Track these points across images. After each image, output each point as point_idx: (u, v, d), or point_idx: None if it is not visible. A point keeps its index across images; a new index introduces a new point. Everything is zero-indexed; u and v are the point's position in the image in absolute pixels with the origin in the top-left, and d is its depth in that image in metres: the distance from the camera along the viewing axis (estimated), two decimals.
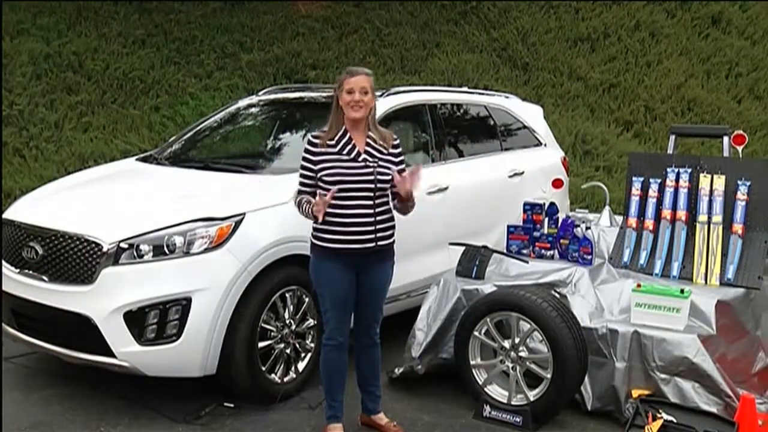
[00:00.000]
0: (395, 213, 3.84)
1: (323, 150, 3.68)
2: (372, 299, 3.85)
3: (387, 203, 3.75)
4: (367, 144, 3.73)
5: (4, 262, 4.42)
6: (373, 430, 4.07)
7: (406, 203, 3.78)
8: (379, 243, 3.70)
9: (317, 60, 10.40)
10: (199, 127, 5.76)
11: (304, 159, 3.71)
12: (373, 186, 3.66)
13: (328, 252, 3.68)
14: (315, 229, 3.72)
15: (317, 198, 3.58)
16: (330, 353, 3.83)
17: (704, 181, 4.64)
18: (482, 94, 6.47)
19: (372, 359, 3.97)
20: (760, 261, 4.44)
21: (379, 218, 3.69)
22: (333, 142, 3.69)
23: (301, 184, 3.74)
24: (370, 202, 3.67)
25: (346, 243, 3.65)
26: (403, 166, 3.81)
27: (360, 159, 3.68)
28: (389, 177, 3.69)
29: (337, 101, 3.72)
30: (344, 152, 3.68)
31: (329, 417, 3.92)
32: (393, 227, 3.80)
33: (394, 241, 3.82)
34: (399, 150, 3.82)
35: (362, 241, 3.66)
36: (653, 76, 11.63)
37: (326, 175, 3.63)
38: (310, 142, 3.71)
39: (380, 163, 3.69)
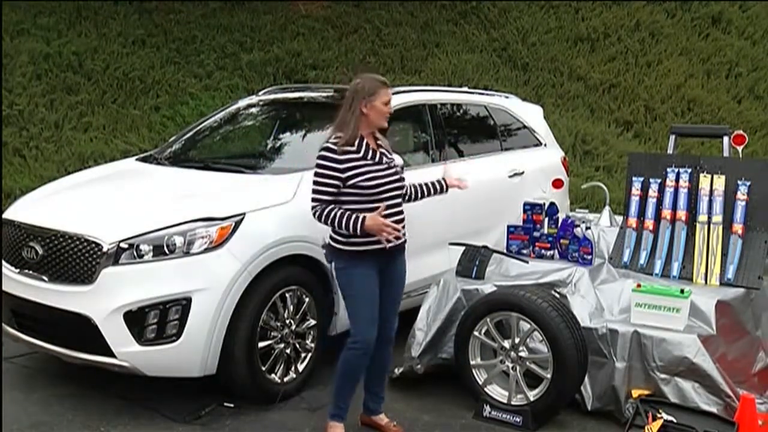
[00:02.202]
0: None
1: (347, 157, 3.66)
2: (393, 291, 3.93)
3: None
4: (378, 146, 3.83)
5: (4, 262, 4.42)
6: (374, 430, 4.07)
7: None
8: (404, 239, 3.87)
9: (317, 60, 10.40)
10: (199, 127, 5.76)
11: (327, 167, 3.65)
12: (401, 185, 3.84)
13: (362, 255, 3.71)
14: (344, 235, 3.71)
15: (372, 218, 3.59)
16: (355, 357, 3.77)
17: (704, 181, 4.64)
18: (482, 94, 6.46)
19: (383, 357, 3.96)
20: (760, 261, 4.44)
21: (404, 215, 3.87)
22: (354, 148, 3.69)
23: (322, 192, 3.67)
24: (400, 201, 3.85)
25: (377, 243, 3.68)
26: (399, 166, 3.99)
27: (384, 162, 3.77)
28: (404, 176, 3.92)
29: (358, 107, 3.70)
30: (368, 157, 3.72)
31: (333, 415, 3.89)
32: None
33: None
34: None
35: (395, 239, 3.71)
36: (653, 76, 11.63)
37: (362, 182, 3.65)
38: (329, 149, 3.67)
39: (396, 164, 3.86)
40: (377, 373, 4.00)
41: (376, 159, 3.74)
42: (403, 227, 3.85)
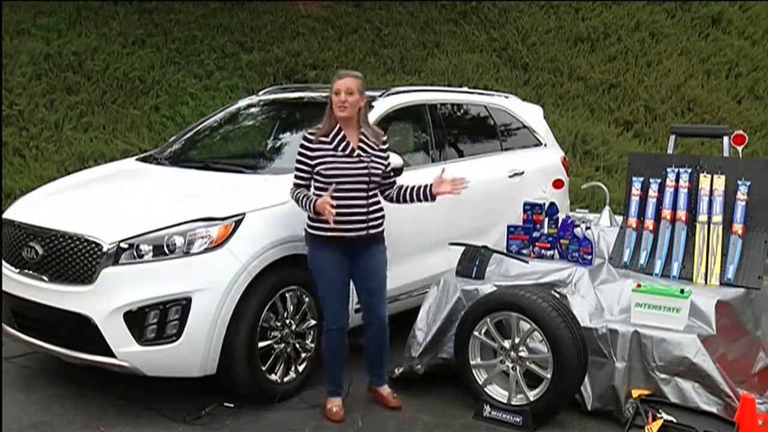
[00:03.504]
0: (385, 203, 4.17)
1: (319, 146, 3.97)
2: (370, 280, 4.09)
3: (377, 194, 4.08)
4: (360, 140, 4.03)
5: (4, 262, 4.42)
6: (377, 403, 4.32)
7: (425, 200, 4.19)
8: (371, 231, 4.01)
9: (317, 60, 10.40)
10: (199, 127, 5.76)
11: (301, 154, 4.00)
12: (367, 180, 3.98)
13: (323, 240, 3.95)
14: (311, 219, 4.00)
15: (320, 200, 3.80)
16: (330, 339, 4.09)
17: (704, 181, 4.64)
18: (482, 94, 6.46)
19: (379, 342, 4.18)
20: (760, 261, 4.44)
21: (371, 208, 4.01)
22: (328, 139, 3.98)
23: (297, 177, 4.02)
24: (364, 194, 3.99)
25: (340, 231, 3.92)
26: (390, 162, 4.16)
27: (354, 155, 3.98)
28: (380, 171, 4.04)
29: (331, 101, 4.02)
30: (339, 149, 3.97)
31: (329, 392, 4.21)
32: (383, 216, 4.10)
33: (383, 228, 4.11)
34: (386, 146, 4.14)
35: (356, 230, 3.96)
36: (653, 76, 11.63)
37: (324, 170, 3.93)
38: (306, 139, 4.01)
39: (372, 158, 4.02)
40: (375, 355, 4.25)
41: (347, 152, 3.97)
42: (376, 219, 4.02)
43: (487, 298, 4.31)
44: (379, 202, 4.09)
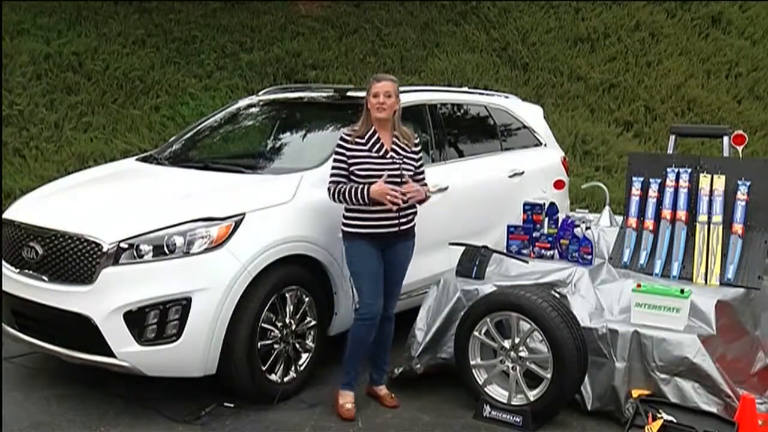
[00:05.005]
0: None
1: (354, 147, 4.12)
2: (393, 273, 4.24)
3: None
4: (393, 143, 4.18)
5: (4, 262, 4.42)
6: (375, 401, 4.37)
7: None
8: (402, 227, 4.18)
9: (317, 60, 10.40)
10: (199, 127, 5.76)
11: (338, 153, 4.14)
12: (399, 180, 4.11)
13: (358, 236, 4.11)
14: (346, 218, 4.15)
15: (375, 187, 3.96)
16: (362, 328, 4.15)
17: (704, 181, 4.64)
18: (482, 94, 6.46)
19: (385, 333, 4.32)
20: (760, 261, 4.44)
21: (403, 206, 4.10)
22: (363, 140, 4.13)
23: (335, 175, 4.14)
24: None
25: (374, 228, 4.10)
26: (422, 162, 4.30)
27: (388, 156, 4.13)
28: (411, 171, 4.19)
29: (367, 103, 4.15)
30: (374, 150, 4.12)
31: (344, 384, 4.24)
32: (415, 213, 4.26)
33: (415, 223, 4.27)
34: (419, 149, 4.29)
35: (388, 227, 4.12)
36: (653, 76, 11.64)
37: (359, 170, 4.08)
38: (342, 138, 4.15)
39: (405, 160, 4.17)
40: (380, 346, 4.35)
41: (381, 153, 4.11)
42: (407, 215, 4.18)
43: (487, 298, 4.31)
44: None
